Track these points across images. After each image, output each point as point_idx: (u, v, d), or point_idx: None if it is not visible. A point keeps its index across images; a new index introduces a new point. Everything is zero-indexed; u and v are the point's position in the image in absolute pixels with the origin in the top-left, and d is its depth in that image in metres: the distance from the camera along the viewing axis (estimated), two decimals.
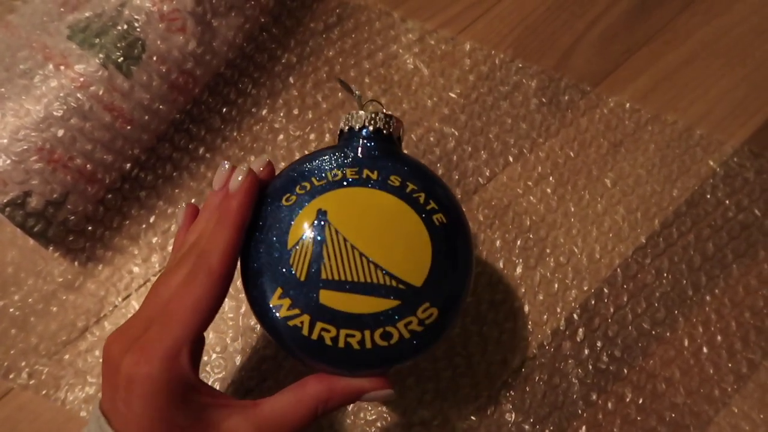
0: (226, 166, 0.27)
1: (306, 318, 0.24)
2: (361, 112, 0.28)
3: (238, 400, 0.26)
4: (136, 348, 0.23)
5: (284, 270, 0.25)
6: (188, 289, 0.24)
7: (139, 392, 0.23)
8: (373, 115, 0.28)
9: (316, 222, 0.25)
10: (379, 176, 0.26)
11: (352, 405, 0.36)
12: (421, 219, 0.25)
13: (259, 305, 0.26)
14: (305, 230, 0.25)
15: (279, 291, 0.25)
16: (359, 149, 0.27)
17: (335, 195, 0.25)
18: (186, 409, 0.24)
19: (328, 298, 0.24)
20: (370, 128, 0.28)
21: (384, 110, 0.29)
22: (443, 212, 0.26)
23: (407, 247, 0.25)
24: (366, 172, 0.26)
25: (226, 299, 0.33)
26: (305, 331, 0.24)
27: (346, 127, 0.28)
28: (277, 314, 0.25)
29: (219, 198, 0.27)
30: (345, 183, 0.26)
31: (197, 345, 0.25)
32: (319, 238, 0.25)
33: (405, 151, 0.30)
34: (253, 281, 0.26)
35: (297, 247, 0.25)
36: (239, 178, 0.26)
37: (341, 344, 0.24)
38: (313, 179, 0.26)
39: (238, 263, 0.26)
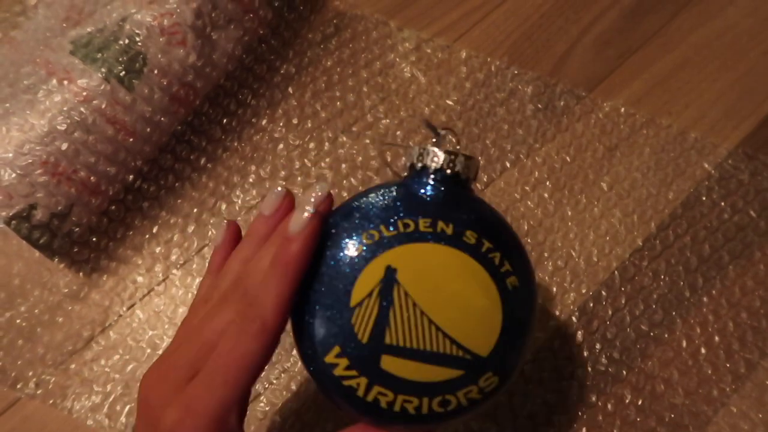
0: (280, 191, 0.25)
1: (363, 381, 0.23)
2: (439, 152, 0.25)
3: None
4: (180, 403, 0.22)
5: (344, 328, 0.23)
6: (238, 343, 0.22)
7: None
8: (452, 157, 0.25)
9: (384, 281, 0.23)
10: (455, 230, 0.24)
11: None
12: (495, 284, 0.24)
13: (311, 359, 0.24)
14: (372, 288, 0.23)
15: (336, 349, 0.23)
16: (433, 193, 0.25)
17: (406, 250, 0.23)
18: None
19: (389, 363, 0.23)
20: (448, 171, 0.25)
21: (459, 146, 0.26)
22: (517, 275, 0.24)
23: (478, 315, 0.24)
24: (441, 224, 0.24)
25: None
26: (360, 393, 0.23)
27: (419, 165, 0.26)
28: (332, 372, 0.23)
29: (269, 227, 0.25)
30: (417, 236, 0.23)
31: (244, 402, 0.24)
32: (386, 299, 0.23)
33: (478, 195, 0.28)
34: (307, 333, 0.24)
35: (361, 306, 0.23)
36: (303, 217, 0.23)
37: (397, 409, 0.23)
38: (382, 227, 0.23)
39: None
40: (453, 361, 0.23)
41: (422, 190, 0.25)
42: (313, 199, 0.24)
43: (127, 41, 0.37)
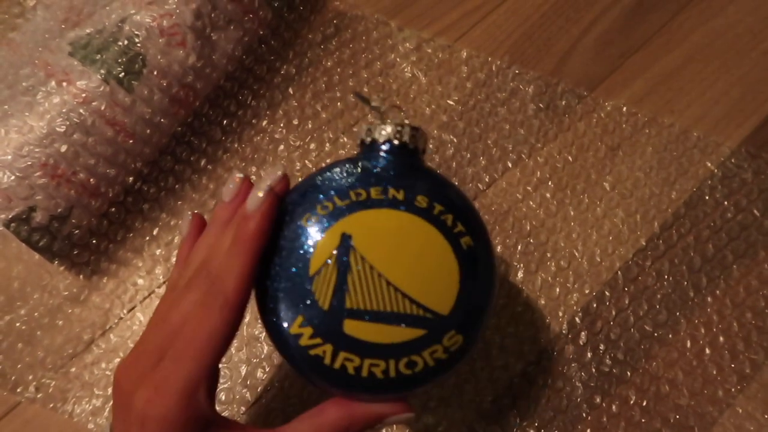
0: (238, 177, 0.26)
1: (329, 348, 0.23)
2: (387, 126, 0.26)
3: (256, 429, 0.25)
4: (148, 384, 0.22)
5: (305, 297, 0.23)
6: (202, 320, 0.23)
7: None
8: (399, 129, 0.26)
9: (340, 247, 0.24)
10: (406, 196, 0.25)
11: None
12: (449, 243, 0.24)
13: (276, 332, 0.24)
14: (329, 256, 0.24)
15: (300, 319, 0.24)
16: (383, 164, 0.26)
17: (360, 217, 0.24)
18: None
19: (352, 327, 0.23)
20: (396, 143, 0.26)
21: (406, 120, 0.28)
22: (470, 234, 0.25)
23: (435, 274, 0.24)
24: (392, 191, 0.25)
25: None
26: (327, 361, 0.24)
27: (368, 139, 0.27)
28: (297, 342, 0.24)
29: (229, 212, 0.25)
30: (370, 203, 0.24)
31: (213, 377, 0.24)
32: (343, 265, 0.23)
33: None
34: (270, 307, 0.24)
35: (319, 274, 0.23)
36: (259, 195, 0.24)
37: (365, 373, 0.24)
38: (335, 198, 0.24)
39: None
40: (414, 320, 0.24)
41: (373, 163, 0.26)
42: (268, 180, 0.25)
43: (126, 42, 0.36)
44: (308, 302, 0.23)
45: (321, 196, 0.25)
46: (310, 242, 0.24)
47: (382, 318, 0.23)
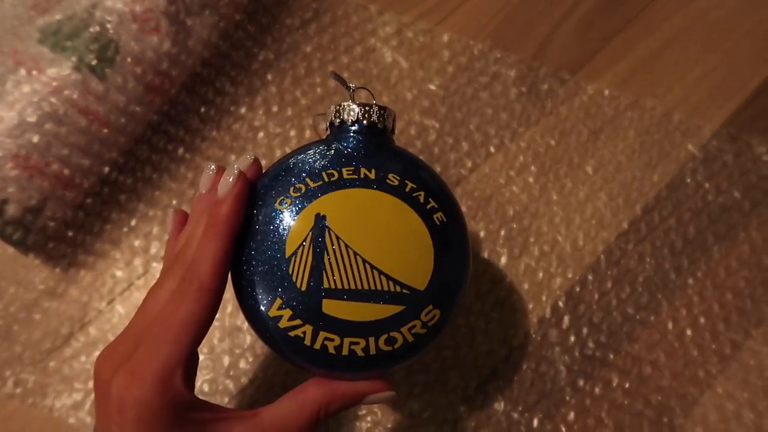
0: (213, 167, 0.26)
1: (308, 328, 0.24)
2: (354, 105, 0.26)
3: (237, 411, 0.25)
4: (126, 370, 0.22)
5: (283, 279, 0.24)
6: (178, 305, 0.23)
7: (132, 418, 0.22)
8: (366, 108, 0.26)
9: (315, 228, 0.24)
10: (377, 175, 0.25)
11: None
12: (422, 220, 0.25)
13: (255, 316, 0.25)
14: (304, 237, 0.24)
15: (278, 301, 0.24)
16: (353, 145, 0.26)
17: (333, 198, 0.24)
18: (184, 429, 0.23)
19: (331, 307, 0.24)
20: (365, 122, 0.26)
21: (375, 100, 0.27)
22: (442, 210, 0.25)
23: (410, 250, 0.24)
24: (363, 171, 0.25)
25: None
26: (307, 341, 0.24)
27: (338, 120, 0.27)
28: (277, 325, 0.24)
29: (206, 203, 0.25)
30: (342, 183, 0.24)
31: (191, 362, 0.24)
32: (319, 245, 0.24)
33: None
34: (247, 291, 0.24)
35: (295, 256, 0.24)
36: (229, 180, 0.24)
37: (345, 352, 0.24)
38: (308, 180, 0.25)
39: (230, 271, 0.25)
40: (392, 297, 0.24)
41: (343, 144, 0.26)
42: (238, 164, 0.25)
43: (98, 28, 0.35)
44: (286, 284, 0.24)
45: (293, 179, 0.25)
46: (284, 225, 0.24)
47: (360, 296, 0.24)
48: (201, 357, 0.37)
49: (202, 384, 0.36)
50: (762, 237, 0.41)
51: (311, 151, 0.26)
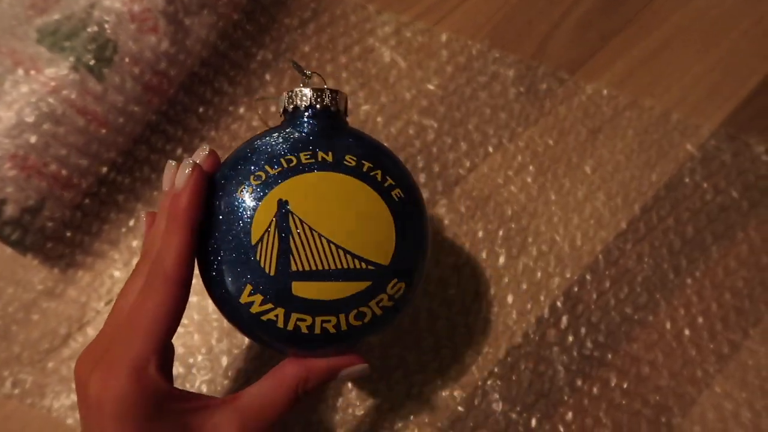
0: (173, 164, 0.26)
1: (280, 311, 0.24)
2: (306, 90, 0.27)
3: (217, 399, 0.25)
4: (101, 367, 0.23)
5: (251, 266, 0.24)
6: (146, 299, 0.24)
7: (110, 413, 0.22)
8: (318, 93, 0.27)
9: (278, 214, 0.24)
10: (334, 157, 0.26)
11: (341, 401, 0.36)
12: (381, 197, 0.26)
13: (227, 303, 0.25)
14: (268, 224, 0.24)
15: (248, 288, 0.24)
16: (308, 129, 0.27)
17: (294, 183, 0.25)
18: (164, 420, 0.23)
19: (300, 289, 0.24)
20: (318, 107, 0.27)
21: (326, 85, 0.28)
22: (400, 186, 0.26)
23: (372, 227, 0.25)
24: (321, 154, 0.26)
25: (208, 301, 0.32)
26: (280, 324, 0.25)
27: (291, 106, 0.27)
28: (249, 311, 0.25)
29: (169, 199, 0.26)
30: (301, 168, 0.25)
31: (166, 353, 0.25)
32: (284, 230, 0.24)
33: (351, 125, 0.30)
34: (217, 281, 0.25)
35: (262, 242, 0.24)
36: (185, 173, 0.25)
37: (318, 330, 0.25)
38: (267, 167, 0.25)
39: (197, 262, 0.25)
40: (359, 274, 0.25)
41: (299, 129, 0.27)
42: (194, 157, 0.26)
43: (96, 28, 0.35)
44: (254, 271, 0.24)
45: (252, 167, 0.25)
46: (248, 213, 0.25)
47: (328, 276, 0.24)
48: (200, 358, 0.37)
49: (200, 385, 0.36)
50: (760, 237, 0.41)
51: (267, 138, 0.27)
